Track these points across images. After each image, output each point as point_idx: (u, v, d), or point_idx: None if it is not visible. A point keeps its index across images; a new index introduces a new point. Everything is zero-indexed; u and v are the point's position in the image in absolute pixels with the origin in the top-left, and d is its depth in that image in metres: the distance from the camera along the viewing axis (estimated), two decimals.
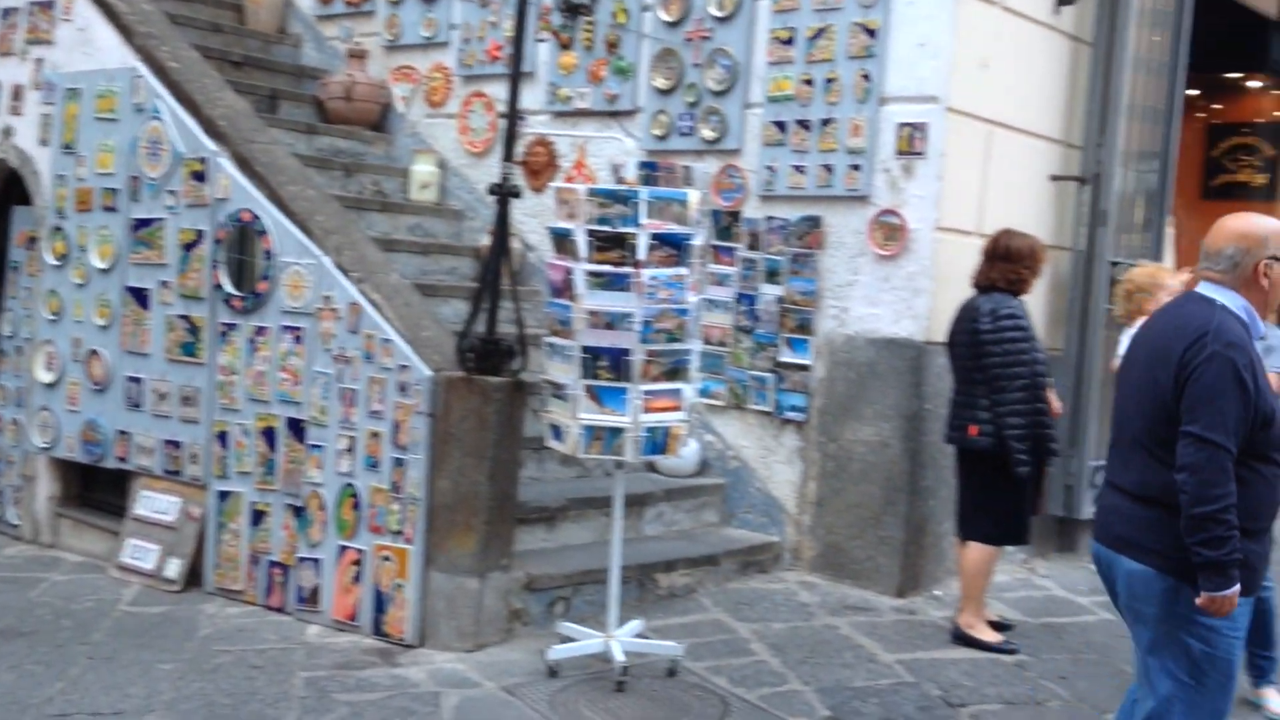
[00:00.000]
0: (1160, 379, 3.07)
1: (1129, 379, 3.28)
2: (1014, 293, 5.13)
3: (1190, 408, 2.98)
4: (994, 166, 5.97)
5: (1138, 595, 3.13)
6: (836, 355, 5.95)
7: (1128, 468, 3.20)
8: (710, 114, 6.34)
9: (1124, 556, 3.14)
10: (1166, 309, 3.34)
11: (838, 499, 5.91)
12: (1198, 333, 3.03)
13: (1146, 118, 6.52)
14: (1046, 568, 6.35)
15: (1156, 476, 3.08)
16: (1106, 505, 3.28)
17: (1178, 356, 3.03)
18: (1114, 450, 3.32)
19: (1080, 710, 4.47)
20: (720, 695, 4.42)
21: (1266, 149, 9.13)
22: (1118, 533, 3.17)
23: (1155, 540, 3.07)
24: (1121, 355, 4.46)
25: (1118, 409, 3.33)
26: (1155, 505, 3.08)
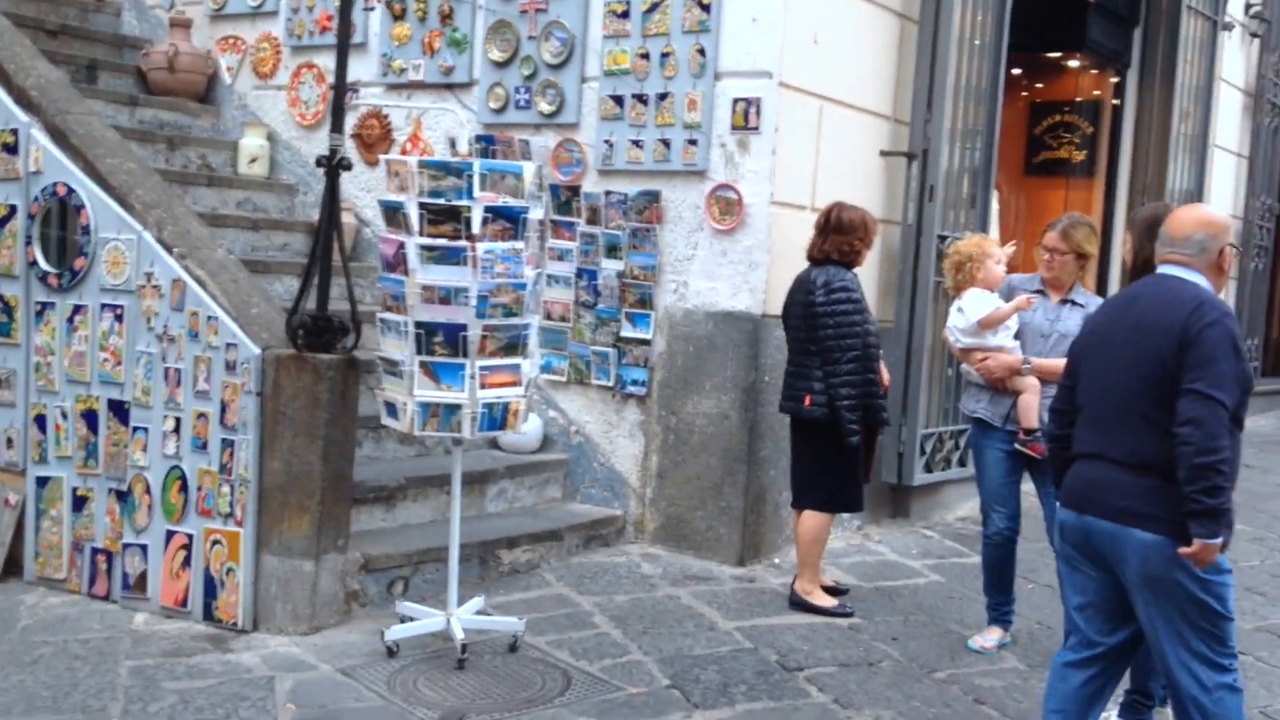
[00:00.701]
0: (1161, 349, 3.22)
1: (1108, 353, 3.39)
2: (847, 265, 5.24)
3: (1193, 367, 3.15)
4: (826, 142, 6.08)
5: (1154, 563, 3.22)
6: (676, 329, 5.99)
7: (1116, 439, 3.32)
8: (547, 87, 6.29)
9: (1134, 529, 3.24)
10: (1143, 288, 3.46)
11: (679, 471, 5.96)
12: (1194, 301, 3.24)
13: (971, 96, 6.72)
14: (880, 533, 6.54)
15: (1152, 444, 3.23)
16: (1093, 479, 3.37)
17: (1179, 325, 3.20)
18: (1094, 424, 3.41)
19: (910, 669, 4.61)
20: (562, 668, 4.43)
21: (1085, 126, 9.52)
22: (1122, 506, 3.27)
23: (1161, 509, 3.20)
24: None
25: (1093, 383, 3.43)
26: (1152, 473, 3.22)
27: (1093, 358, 3.47)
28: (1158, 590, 3.26)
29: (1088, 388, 3.46)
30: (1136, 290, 3.51)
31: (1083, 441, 3.45)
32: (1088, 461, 3.42)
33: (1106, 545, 3.34)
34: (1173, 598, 3.24)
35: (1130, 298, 3.51)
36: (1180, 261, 3.39)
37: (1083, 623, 3.51)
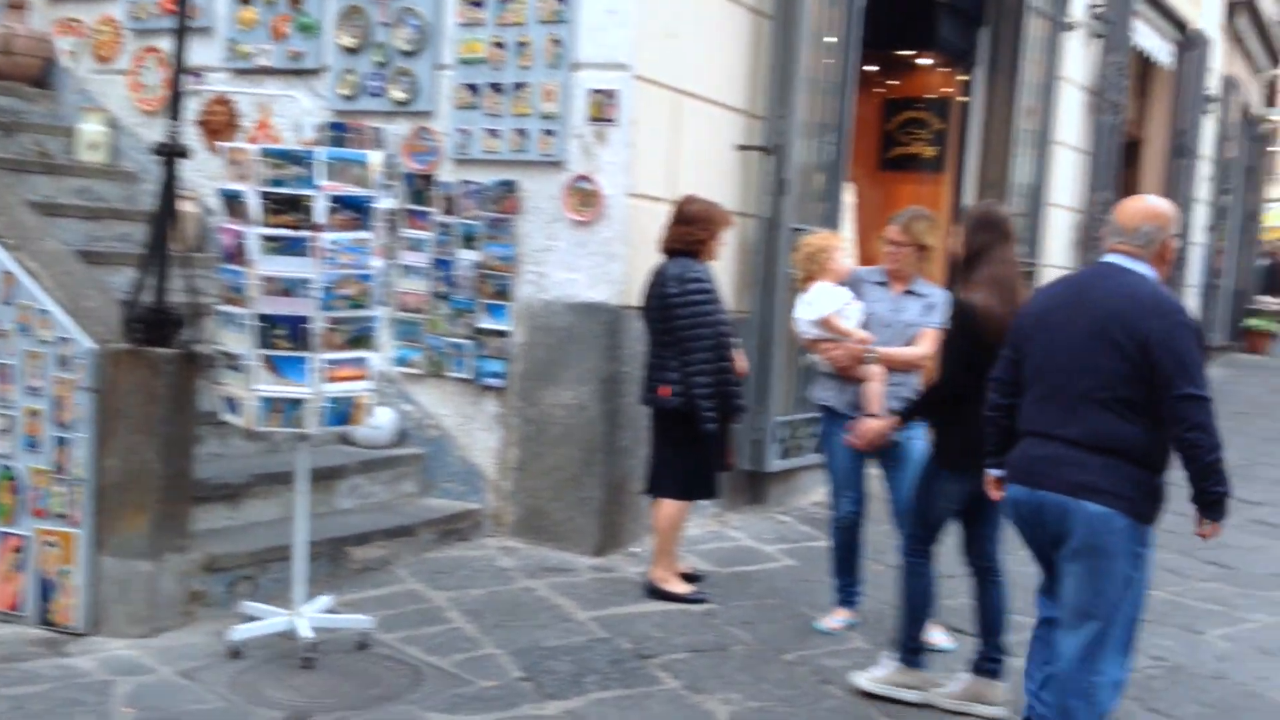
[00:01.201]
0: (1122, 342, 3.38)
1: (1064, 337, 3.52)
2: (694, 256, 5.28)
3: (1179, 374, 3.33)
4: (683, 135, 6.12)
5: (1099, 534, 3.42)
6: (535, 320, 5.97)
7: (1071, 421, 3.47)
8: (400, 75, 6.20)
9: (1085, 501, 3.42)
10: (1097, 279, 3.58)
11: (537, 463, 5.94)
12: (1155, 300, 3.44)
13: (825, 91, 6.84)
14: (738, 520, 6.62)
15: (1111, 428, 3.42)
16: (1046, 455, 3.51)
17: (1142, 326, 3.37)
18: (1046, 404, 3.55)
19: (761, 652, 4.69)
20: (412, 665, 4.37)
21: (936, 123, 9.76)
22: (1076, 480, 3.43)
23: (1113, 484, 3.40)
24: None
25: (1047, 364, 3.57)
26: (1108, 454, 3.42)
27: (1045, 338, 3.59)
28: (1093, 561, 3.44)
29: (1039, 366, 3.60)
30: (1088, 278, 3.68)
31: (1033, 420, 3.61)
32: (1039, 439, 3.57)
33: (1055, 518, 3.49)
34: (1103, 571, 3.44)
35: (1082, 285, 3.64)
36: (1129, 252, 3.54)
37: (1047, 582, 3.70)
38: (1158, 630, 5.16)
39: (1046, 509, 3.52)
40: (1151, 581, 3.73)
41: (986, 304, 4.02)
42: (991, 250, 4.13)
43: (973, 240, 4.15)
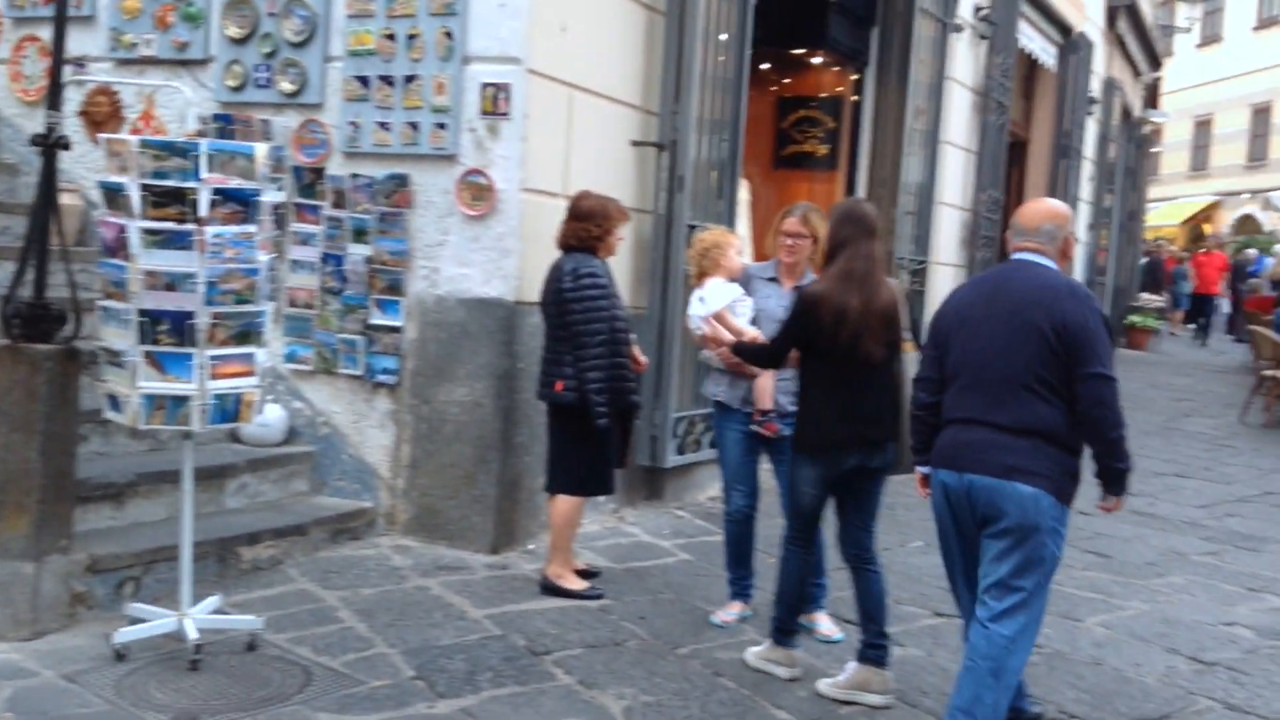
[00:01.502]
0: (1045, 331, 3.61)
1: (986, 330, 3.73)
2: (591, 251, 5.29)
3: (1089, 355, 3.58)
4: (577, 130, 6.12)
5: (1029, 513, 3.60)
6: (428, 316, 5.92)
7: (997, 407, 3.67)
8: (289, 66, 6.10)
9: (1016, 482, 3.60)
10: (1012, 273, 3.82)
11: (431, 461, 5.89)
12: (1069, 287, 3.73)
13: (718, 88, 6.89)
14: (635, 515, 6.65)
15: (1036, 413, 3.63)
16: (974, 440, 3.70)
17: (1061, 310, 3.62)
18: (972, 392, 3.74)
19: (655, 646, 4.71)
20: (302, 665, 4.31)
21: (828, 121, 9.90)
22: (1008, 463, 3.62)
23: (1040, 466, 3.61)
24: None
25: (971, 356, 3.76)
26: (1033, 436, 3.62)
27: (966, 332, 3.81)
28: (1022, 540, 3.62)
29: (962, 359, 3.80)
30: (1003, 274, 3.90)
31: (958, 408, 3.79)
32: (965, 426, 3.75)
33: (986, 499, 3.67)
34: (1032, 548, 3.62)
35: (998, 281, 3.88)
36: (1035, 249, 3.82)
37: (971, 574, 3.83)
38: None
39: (976, 491, 3.68)
40: None
41: (824, 293, 4.19)
42: (852, 244, 4.26)
43: (836, 234, 4.31)
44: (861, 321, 4.15)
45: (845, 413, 4.22)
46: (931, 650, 4.89)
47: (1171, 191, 36.91)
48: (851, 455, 4.26)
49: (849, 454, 4.25)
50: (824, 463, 4.27)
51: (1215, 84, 36.48)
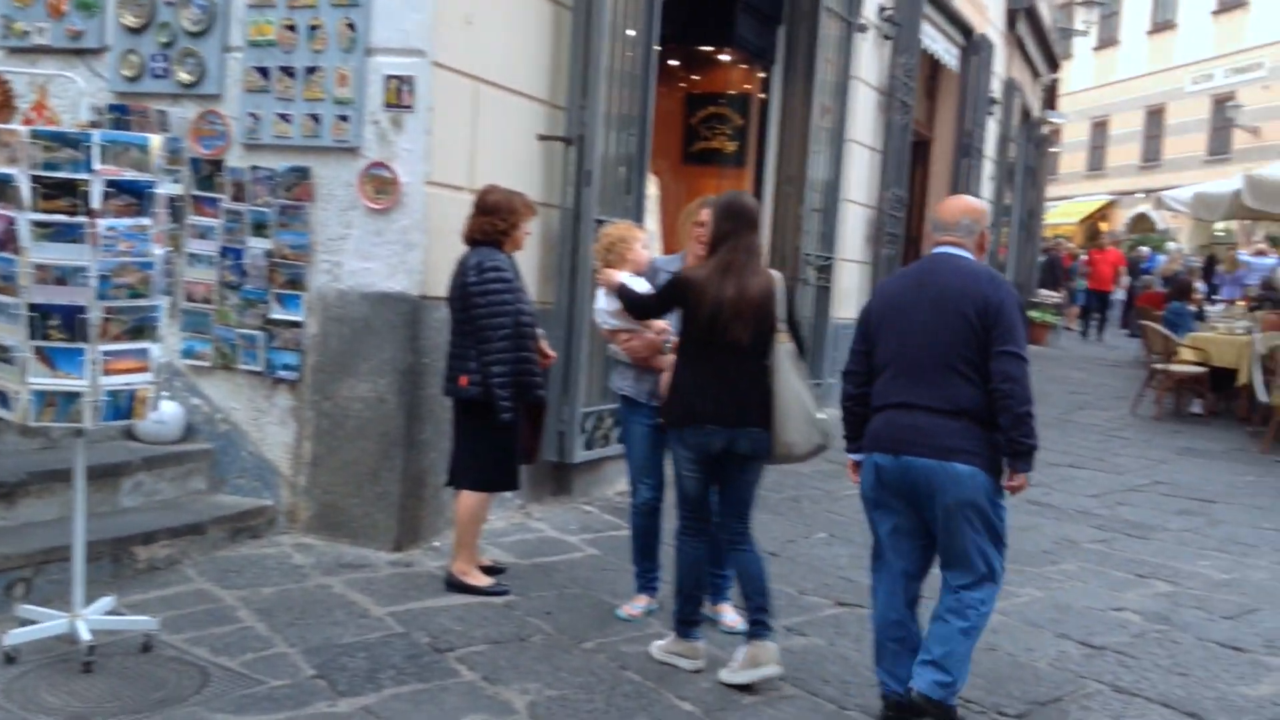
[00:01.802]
0: (969, 315, 3.87)
1: (913, 319, 3.97)
2: (497, 246, 5.27)
3: (1004, 335, 3.85)
4: (483, 123, 6.08)
5: (967, 490, 3.86)
6: (330, 311, 5.84)
7: (932, 390, 3.90)
8: (187, 56, 5.97)
9: (954, 462, 3.85)
10: (934, 265, 4.06)
11: (334, 458, 5.82)
12: (989, 275, 4.03)
13: (625, 83, 6.90)
14: (542, 511, 6.64)
15: (965, 394, 3.88)
16: (909, 424, 3.92)
17: (982, 296, 3.88)
18: (904, 378, 3.97)
19: (560, 641, 4.71)
20: (200, 666, 4.23)
21: (736, 119, 9.99)
22: (945, 444, 3.86)
23: (974, 445, 3.87)
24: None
25: (900, 347, 3.99)
26: (963, 417, 3.87)
27: (895, 323, 4.04)
28: (964, 514, 3.88)
29: (892, 348, 4.03)
30: (926, 267, 4.13)
31: (890, 394, 4.01)
32: (900, 410, 3.97)
33: (925, 479, 3.90)
34: (977, 519, 3.89)
35: (922, 273, 4.12)
36: (954, 243, 4.09)
37: (896, 549, 4.08)
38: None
39: (914, 473, 3.92)
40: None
41: (703, 281, 4.32)
42: (734, 236, 4.38)
43: (719, 227, 4.42)
44: (734, 310, 4.29)
45: (709, 390, 4.34)
46: (834, 639, 4.96)
47: (1070, 190, 37.89)
48: (717, 436, 4.34)
49: (714, 434, 4.34)
50: (693, 441, 4.38)
51: (1111, 86, 37.55)
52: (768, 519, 6.43)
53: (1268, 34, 30.99)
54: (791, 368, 4.39)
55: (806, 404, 4.38)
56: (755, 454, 4.42)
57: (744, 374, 4.36)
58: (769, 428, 4.36)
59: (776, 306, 4.38)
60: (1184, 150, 34.08)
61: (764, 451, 4.41)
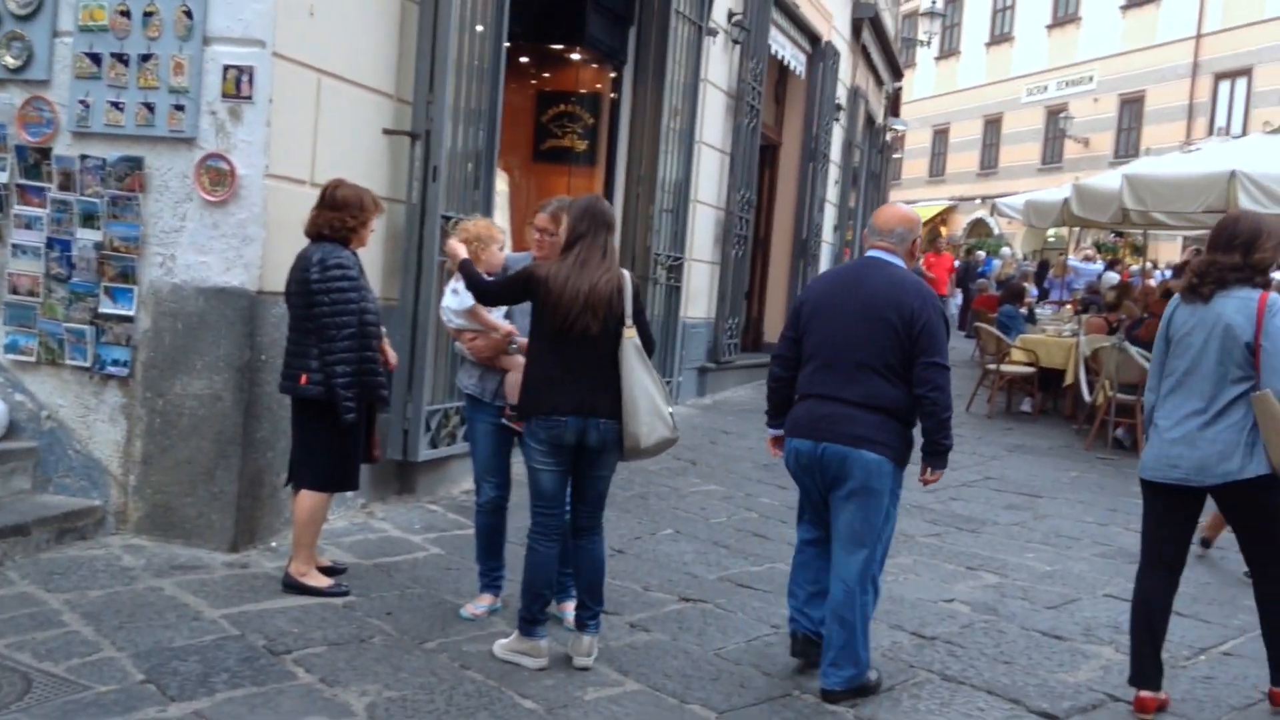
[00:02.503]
0: (894, 322, 4.28)
1: (841, 317, 4.39)
2: (342, 242, 5.18)
3: (929, 345, 4.27)
4: (326, 116, 5.97)
5: (873, 476, 4.31)
6: (163, 305, 5.66)
7: (851, 385, 4.34)
8: (13, 40, 5.72)
9: (863, 450, 4.30)
10: (865, 270, 4.48)
11: (166, 457, 5.64)
12: (916, 286, 4.40)
13: (474, 78, 6.85)
14: (384, 510, 6.56)
15: (882, 391, 4.31)
16: (828, 414, 4.36)
17: (910, 307, 4.29)
18: (827, 371, 4.41)
19: (401, 642, 4.66)
20: (21, 672, 4.05)
21: (587, 118, 10.03)
22: (856, 434, 4.30)
23: (885, 437, 4.31)
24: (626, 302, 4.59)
25: (826, 342, 4.42)
26: (880, 412, 4.31)
27: (824, 319, 4.46)
28: (866, 499, 4.33)
29: (819, 342, 4.45)
30: (857, 269, 4.57)
31: (815, 385, 4.45)
32: (820, 401, 4.41)
33: (837, 464, 4.35)
34: (873, 506, 4.34)
35: (853, 275, 4.55)
36: (887, 249, 4.50)
37: (816, 513, 4.58)
38: (777, 600, 5.54)
39: (828, 457, 4.37)
40: (777, 554, 4.07)
41: (558, 277, 4.40)
42: (590, 236, 4.47)
43: (576, 227, 4.51)
44: (587, 303, 4.38)
45: (560, 382, 4.42)
46: (677, 635, 5.02)
47: (912, 195, 39.08)
48: (570, 427, 4.40)
49: (566, 425, 4.40)
50: (545, 434, 4.43)
51: (952, 95, 38.91)
52: (615, 516, 6.47)
53: (1097, 49, 32.59)
54: (639, 362, 4.48)
55: (655, 397, 4.48)
56: (605, 446, 4.49)
57: (594, 367, 4.44)
58: (619, 420, 4.45)
59: (625, 303, 4.46)
60: (1019, 159, 35.55)
61: (613, 443, 4.49)
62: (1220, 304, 4.37)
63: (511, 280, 4.61)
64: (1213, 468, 4.34)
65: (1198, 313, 4.43)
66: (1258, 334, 4.26)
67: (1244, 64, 27.74)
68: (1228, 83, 28.44)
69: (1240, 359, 4.31)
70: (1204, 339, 4.38)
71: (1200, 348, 4.40)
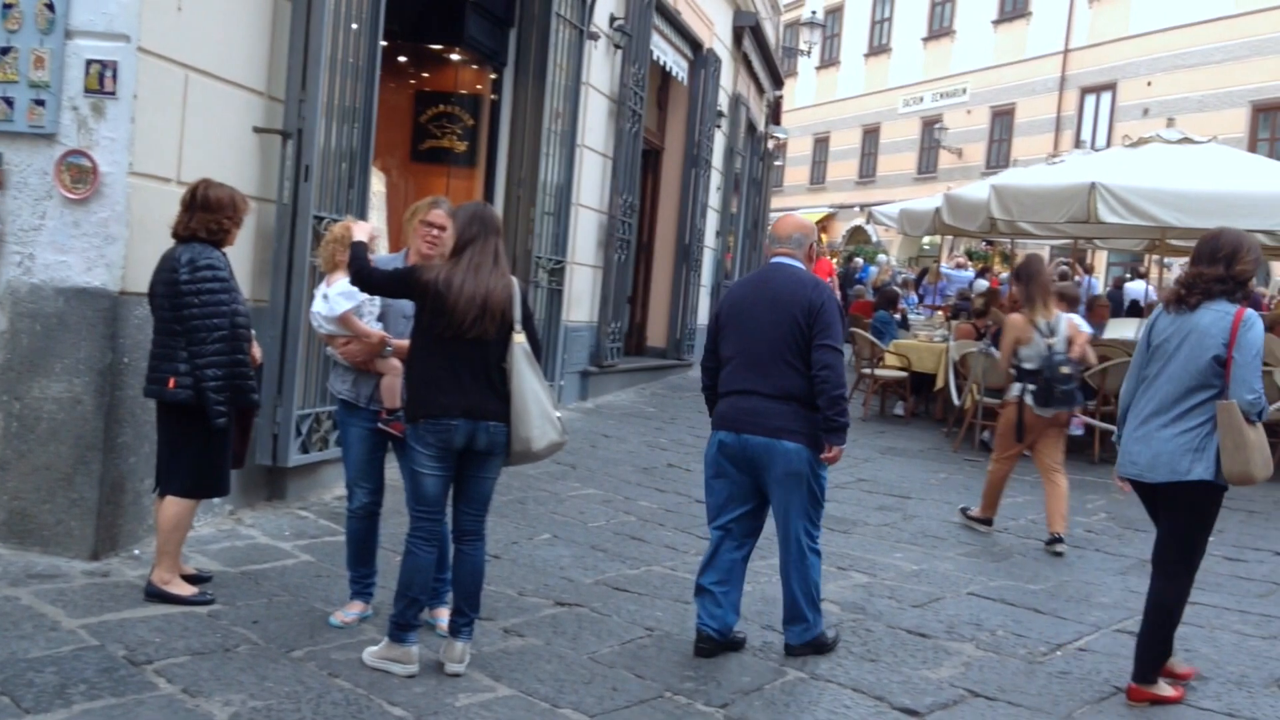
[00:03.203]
0: (797, 316, 4.75)
1: (753, 318, 4.86)
2: (215, 243, 5.07)
3: (821, 329, 4.73)
4: (194, 113, 5.83)
5: (794, 462, 4.79)
6: (21, 306, 5.46)
7: (766, 379, 4.80)
8: None
9: (783, 440, 4.77)
10: (771, 274, 4.94)
11: (24, 462, 5.44)
12: (813, 283, 4.88)
13: (349, 76, 6.76)
14: (253, 517, 6.42)
15: (793, 382, 4.77)
16: (749, 407, 4.82)
17: (807, 299, 4.77)
18: (744, 369, 4.85)
19: (268, 651, 4.57)
20: None
21: (467, 119, 9.97)
22: (775, 425, 4.77)
23: (800, 425, 4.78)
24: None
25: (742, 340, 4.87)
26: (793, 401, 4.77)
27: (738, 322, 4.92)
28: (793, 483, 4.83)
29: (736, 344, 4.91)
30: (765, 274, 5.01)
31: (735, 382, 4.90)
32: (741, 396, 4.86)
33: (759, 454, 4.82)
34: (800, 488, 4.84)
35: (761, 279, 5.01)
36: (787, 254, 4.99)
37: (727, 514, 5.00)
38: (653, 603, 5.59)
39: (751, 448, 4.83)
40: (655, 557, 4.07)
41: (452, 279, 4.39)
42: (480, 240, 4.48)
43: (465, 231, 4.51)
44: (482, 307, 4.39)
45: (450, 384, 4.41)
46: (551, 639, 5.02)
47: (794, 202, 39.72)
48: (459, 430, 4.40)
49: (456, 428, 4.40)
50: (435, 438, 4.41)
51: (832, 104, 39.68)
52: (492, 521, 6.34)
53: (970, 62, 33.55)
54: (528, 367, 4.50)
55: (544, 401, 4.52)
56: (493, 450, 4.50)
57: (482, 370, 4.45)
58: (508, 423, 4.47)
59: (515, 308, 4.49)
60: (896, 168, 36.40)
61: (502, 447, 4.51)
62: (1199, 315, 4.66)
63: (397, 276, 4.57)
64: (1162, 466, 4.65)
65: (1177, 321, 4.73)
66: (1230, 347, 4.53)
67: (1108, 79, 28.84)
68: (1093, 97, 29.54)
69: (1205, 368, 4.59)
70: (1177, 346, 4.68)
71: (1172, 354, 4.70)
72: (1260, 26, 24.72)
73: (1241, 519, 7.89)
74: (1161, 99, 26.32)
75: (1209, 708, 4.79)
